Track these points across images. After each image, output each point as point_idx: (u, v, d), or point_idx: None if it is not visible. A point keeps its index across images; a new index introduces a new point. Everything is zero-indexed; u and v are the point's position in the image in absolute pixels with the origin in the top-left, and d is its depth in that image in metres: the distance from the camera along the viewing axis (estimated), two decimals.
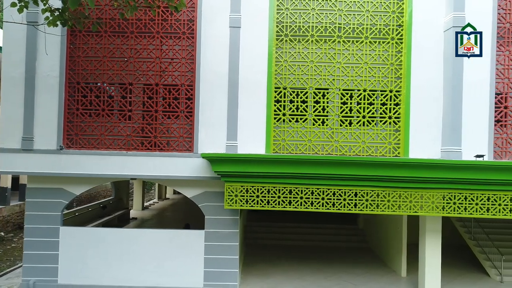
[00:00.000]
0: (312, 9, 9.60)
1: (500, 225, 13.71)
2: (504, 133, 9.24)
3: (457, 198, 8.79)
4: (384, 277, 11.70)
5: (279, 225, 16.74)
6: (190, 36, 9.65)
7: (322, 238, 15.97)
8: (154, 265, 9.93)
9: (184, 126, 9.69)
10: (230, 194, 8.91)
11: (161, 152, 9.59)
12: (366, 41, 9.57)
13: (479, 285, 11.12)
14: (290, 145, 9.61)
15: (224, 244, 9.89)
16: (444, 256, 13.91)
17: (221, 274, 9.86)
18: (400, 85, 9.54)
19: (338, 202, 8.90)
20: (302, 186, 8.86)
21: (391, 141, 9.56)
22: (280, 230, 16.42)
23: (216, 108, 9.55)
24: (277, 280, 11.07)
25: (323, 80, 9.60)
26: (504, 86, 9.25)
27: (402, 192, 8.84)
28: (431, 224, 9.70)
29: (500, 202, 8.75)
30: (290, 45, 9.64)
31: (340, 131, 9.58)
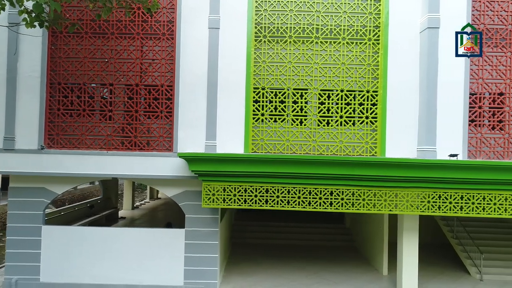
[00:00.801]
0: (290, 10, 9.72)
1: (482, 224, 13.85)
2: (478, 132, 9.36)
3: (431, 197, 8.91)
4: (366, 275, 11.82)
5: (267, 224, 16.87)
6: (170, 37, 9.76)
7: (310, 237, 16.11)
8: (136, 263, 10.04)
9: (164, 126, 9.80)
10: (208, 193, 9.03)
11: (141, 152, 9.70)
12: (343, 42, 9.69)
13: (459, 283, 11.24)
14: (269, 144, 9.73)
15: (204, 242, 10.01)
16: (428, 255, 14.15)
17: (201, 272, 9.98)
18: (377, 85, 9.66)
19: (314, 201, 9.01)
20: (278, 185, 8.98)
21: (368, 140, 9.68)
22: (268, 230, 16.54)
23: (195, 108, 9.67)
24: (258, 278, 11.19)
25: (301, 81, 9.72)
26: (479, 87, 9.37)
27: (377, 191, 8.96)
28: (408, 223, 9.81)
29: (474, 201, 8.87)
30: (269, 46, 9.76)
31: (318, 131, 9.70)
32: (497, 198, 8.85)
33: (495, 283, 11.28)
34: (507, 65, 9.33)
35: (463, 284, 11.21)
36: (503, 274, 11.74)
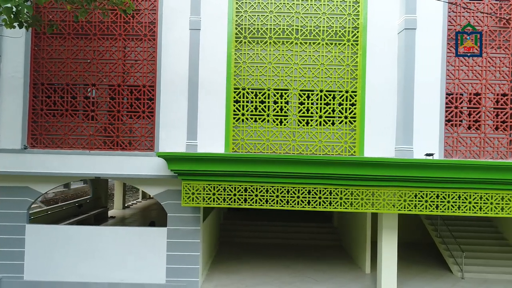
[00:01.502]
0: (270, 12, 9.84)
1: (465, 223, 14.01)
2: (454, 132, 9.49)
3: (407, 196, 9.03)
4: (349, 273, 11.95)
5: (255, 224, 16.99)
6: (152, 38, 9.89)
7: (298, 236, 16.24)
8: (119, 261, 10.16)
9: (145, 126, 9.93)
10: (187, 192, 9.15)
11: (123, 151, 9.83)
12: (322, 42, 9.81)
13: (440, 281, 11.37)
14: (249, 144, 9.85)
15: (186, 241, 10.12)
16: (414, 253, 14.32)
17: (183, 270, 10.10)
18: (356, 86, 9.79)
19: (292, 199, 9.14)
20: (257, 184, 9.11)
21: (347, 140, 9.81)
22: (257, 229, 16.67)
23: (176, 108, 9.79)
24: (241, 276, 11.32)
25: (281, 81, 9.85)
26: (455, 87, 9.50)
27: (354, 189, 9.08)
28: (388, 221, 9.94)
29: (449, 199, 9.00)
30: (249, 47, 9.88)
31: (298, 130, 9.83)
32: (472, 196, 8.98)
33: (475, 281, 11.41)
34: (482, 66, 9.45)
35: (444, 282, 11.34)
36: (484, 272, 11.87)
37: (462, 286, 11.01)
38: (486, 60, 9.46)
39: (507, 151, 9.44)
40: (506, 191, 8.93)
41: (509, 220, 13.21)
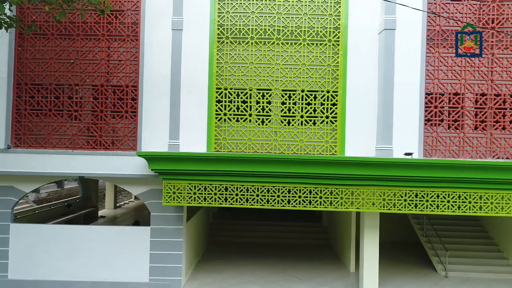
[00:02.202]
0: (252, 12, 9.91)
1: (451, 222, 14.08)
2: (434, 132, 9.56)
3: (386, 195, 9.10)
4: (334, 272, 12.02)
5: (245, 223, 17.06)
6: (134, 39, 9.96)
7: (287, 235, 16.31)
8: (102, 260, 10.22)
9: (128, 126, 10.00)
10: (168, 191, 9.22)
11: (106, 151, 9.90)
12: (304, 43, 9.89)
13: (423, 280, 11.45)
14: (231, 144, 9.93)
15: (169, 240, 10.19)
16: (401, 252, 14.39)
17: (166, 269, 10.17)
18: (337, 86, 9.86)
19: (272, 199, 9.21)
20: (237, 183, 9.17)
21: (328, 140, 9.88)
22: (246, 228, 16.73)
23: (159, 108, 9.86)
24: (226, 275, 11.39)
25: (262, 81, 9.92)
26: (434, 87, 9.57)
27: (333, 189, 9.16)
28: (369, 220, 10.00)
29: (428, 199, 9.07)
30: (231, 47, 9.96)
31: (279, 130, 9.90)
32: (451, 195, 9.05)
33: (458, 280, 11.49)
34: (462, 66, 9.53)
35: (427, 280, 11.41)
36: (468, 271, 11.95)
37: (443, 285, 11.08)
38: (465, 60, 9.53)
39: (486, 150, 9.51)
40: (484, 190, 9.00)
41: (495, 219, 13.28)
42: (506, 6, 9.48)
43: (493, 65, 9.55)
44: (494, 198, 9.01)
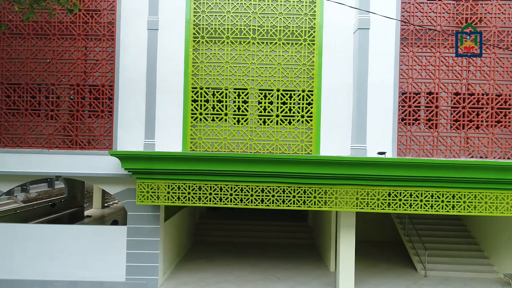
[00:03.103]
0: (227, 12, 9.93)
1: (432, 222, 14.10)
2: (408, 131, 9.58)
3: (359, 194, 9.12)
4: (314, 271, 12.03)
5: (231, 223, 17.06)
6: (110, 38, 9.98)
7: (273, 235, 16.33)
8: (79, 259, 10.23)
9: (104, 125, 10.01)
10: (142, 191, 9.23)
11: (82, 150, 9.92)
12: (279, 42, 9.90)
13: (401, 279, 11.46)
14: (207, 143, 9.94)
15: (145, 239, 10.20)
16: (383, 252, 14.40)
17: (143, 268, 10.18)
18: (312, 85, 9.88)
19: (245, 198, 9.22)
20: (211, 182, 9.19)
21: (304, 139, 9.89)
22: (232, 228, 16.73)
23: (134, 107, 9.88)
24: (206, 275, 11.40)
25: (238, 80, 9.94)
26: (409, 86, 9.59)
27: (307, 188, 9.17)
28: (345, 219, 10.01)
29: (401, 198, 9.09)
30: (207, 47, 9.97)
31: (255, 129, 9.92)
32: (424, 195, 9.06)
33: (436, 279, 11.51)
34: (435, 65, 9.54)
35: (406, 280, 11.43)
36: (448, 270, 11.98)
37: (421, 284, 11.10)
38: (439, 60, 9.55)
39: (460, 149, 9.53)
40: (457, 189, 9.02)
41: (476, 219, 13.29)
42: (480, 5, 9.50)
43: (467, 65, 9.56)
44: (467, 197, 9.03)
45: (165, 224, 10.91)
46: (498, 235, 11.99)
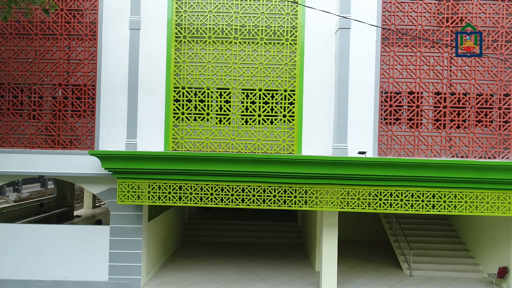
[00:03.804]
0: (209, 12, 9.93)
1: (419, 221, 14.08)
2: (389, 130, 9.59)
3: (340, 193, 9.12)
4: (299, 271, 12.03)
5: (221, 223, 17.07)
6: (93, 38, 9.98)
7: (263, 235, 16.33)
8: (62, 259, 10.22)
9: (86, 125, 10.02)
10: (122, 190, 9.24)
11: (65, 150, 9.92)
12: (261, 42, 9.91)
13: (386, 279, 11.46)
14: (189, 143, 9.95)
15: (128, 239, 10.20)
16: (371, 251, 14.41)
17: (125, 268, 10.18)
18: (294, 84, 9.88)
19: (226, 198, 9.22)
20: (191, 182, 9.19)
21: (286, 138, 9.90)
22: (222, 228, 16.72)
23: (117, 107, 9.89)
24: (190, 274, 11.40)
25: (220, 80, 9.94)
26: (390, 85, 9.59)
27: (287, 187, 9.17)
28: (328, 219, 10.01)
29: (381, 197, 9.09)
30: (189, 46, 9.98)
31: (237, 129, 9.92)
32: (404, 194, 9.07)
33: (421, 279, 11.51)
34: (417, 65, 9.55)
35: (390, 279, 11.42)
36: (434, 270, 11.97)
37: (405, 283, 11.10)
38: (420, 59, 9.55)
39: (441, 149, 9.53)
40: (437, 189, 9.02)
41: (463, 218, 13.29)
42: (461, 5, 9.50)
43: (448, 64, 9.57)
44: (447, 197, 9.03)
45: (149, 224, 10.92)
46: (483, 235, 11.98)
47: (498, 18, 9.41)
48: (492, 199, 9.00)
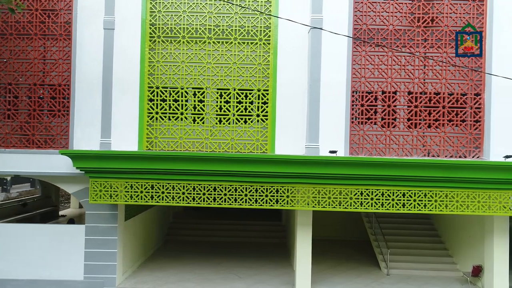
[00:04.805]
0: (183, 12, 9.98)
1: (402, 220, 14.13)
2: (361, 130, 9.63)
3: (311, 192, 9.17)
4: (277, 270, 12.07)
5: (206, 222, 17.10)
6: (67, 38, 10.03)
7: (247, 234, 16.37)
8: (38, 258, 10.27)
9: (61, 125, 10.06)
10: (95, 189, 9.28)
11: (39, 150, 9.96)
12: (235, 42, 9.95)
13: (362, 278, 11.50)
14: (163, 142, 9.99)
15: (103, 238, 10.24)
16: (353, 250, 14.46)
17: (100, 267, 10.21)
18: (267, 84, 9.93)
19: (197, 197, 9.27)
20: (163, 181, 9.23)
21: (259, 138, 9.94)
22: (207, 227, 16.76)
23: (91, 107, 9.92)
24: (167, 273, 11.44)
25: (194, 80, 9.99)
26: (361, 85, 9.64)
27: (258, 186, 9.22)
28: (302, 218, 10.06)
29: (352, 196, 9.14)
30: (163, 46, 10.02)
31: (211, 128, 9.97)
32: (374, 193, 9.12)
33: (398, 277, 11.56)
34: (388, 64, 9.60)
35: (366, 278, 11.47)
36: (412, 269, 12.02)
37: (381, 282, 11.15)
38: (391, 59, 9.60)
39: (412, 148, 9.58)
40: (407, 188, 9.07)
41: (443, 217, 13.33)
42: (432, 5, 9.55)
43: (419, 64, 9.62)
44: (417, 195, 9.08)
45: (127, 223, 10.96)
46: (460, 234, 12.04)
47: (468, 18, 9.46)
48: (461, 198, 9.05)
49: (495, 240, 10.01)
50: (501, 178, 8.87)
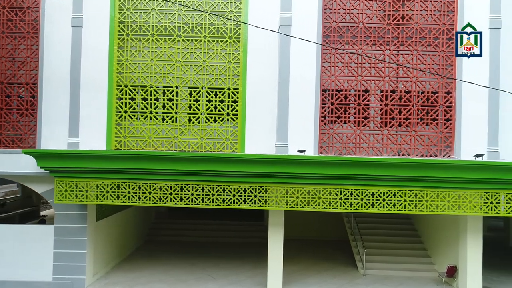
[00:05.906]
0: (152, 9, 9.86)
1: (383, 220, 14.01)
2: (330, 128, 9.51)
3: (279, 192, 9.05)
4: (252, 271, 11.95)
5: (187, 222, 16.98)
6: (35, 36, 9.90)
7: (229, 234, 16.28)
8: (6, 259, 10.13)
9: (29, 124, 9.93)
10: (60, 189, 9.15)
11: (7, 149, 9.83)
12: (204, 40, 9.83)
13: (338, 279, 11.38)
14: (132, 141, 9.87)
15: (72, 238, 10.11)
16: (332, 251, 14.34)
17: (70, 267, 10.08)
18: (237, 83, 9.81)
19: (164, 197, 9.14)
20: (129, 181, 9.11)
21: (229, 137, 9.82)
22: (189, 227, 16.64)
23: (59, 105, 9.80)
24: (140, 274, 11.32)
25: (164, 78, 9.86)
26: (331, 83, 9.52)
27: (225, 186, 9.10)
28: (273, 218, 9.94)
29: (320, 196, 9.02)
30: (132, 44, 9.90)
31: (180, 127, 9.84)
32: (343, 193, 9.00)
33: (374, 278, 11.44)
34: (358, 62, 9.48)
35: (342, 279, 11.35)
36: (389, 269, 11.90)
37: (356, 283, 11.03)
38: (361, 57, 9.49)
39: (383, 147, 9.46)
40: (376, 187, 8.96)
41: (422, 217, 13.21)
42: (402, 2, 9.44)
43: (390, 62, 9.50)
44: (386, 195, 8.97)
45: (99, 224, 10.82)
46: (438, 234, 11.92)
47: (439, 15, 9.35)
48: (431, 198, 8.93)
49: (469, 240, 9.90)
50: (472, 178, 8.76)
